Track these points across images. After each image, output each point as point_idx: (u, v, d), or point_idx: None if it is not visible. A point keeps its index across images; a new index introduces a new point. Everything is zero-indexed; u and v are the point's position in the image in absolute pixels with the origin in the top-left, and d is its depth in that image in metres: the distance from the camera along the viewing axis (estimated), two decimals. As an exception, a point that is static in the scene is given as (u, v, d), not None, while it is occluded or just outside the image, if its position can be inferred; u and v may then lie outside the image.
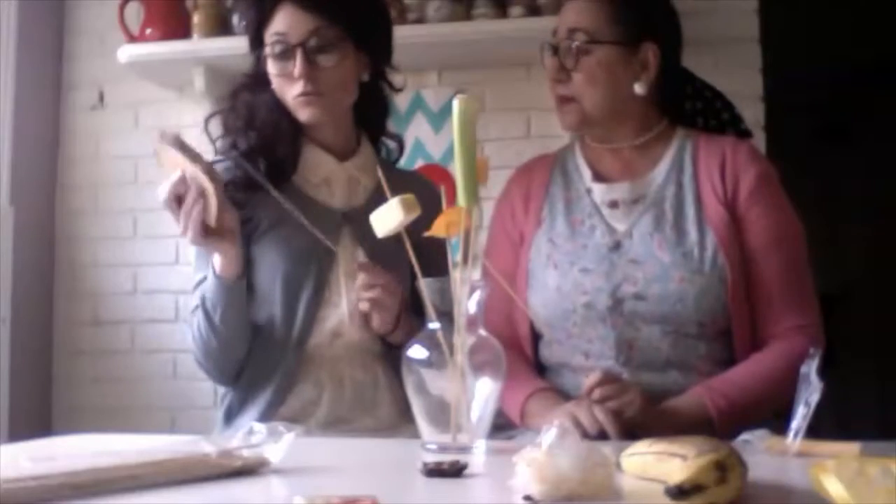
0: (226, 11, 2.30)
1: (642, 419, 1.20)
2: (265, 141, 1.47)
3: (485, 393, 1.06)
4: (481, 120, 2.09)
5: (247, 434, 0.95)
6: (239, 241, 1.37)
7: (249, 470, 0.89)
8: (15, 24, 2.41)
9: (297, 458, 0.93)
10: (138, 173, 2.52)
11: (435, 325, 1.06)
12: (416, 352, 1.07)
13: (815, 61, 3.76)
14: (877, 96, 4.07)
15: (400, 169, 1.70)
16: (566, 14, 1.46)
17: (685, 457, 0.75)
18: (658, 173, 1.45)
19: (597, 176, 1.48)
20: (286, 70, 1.43)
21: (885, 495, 0.66)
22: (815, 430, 1.00)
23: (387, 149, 1.65)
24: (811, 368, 1.00)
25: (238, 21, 2.22)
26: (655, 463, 0.81)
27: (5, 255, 2.32)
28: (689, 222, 1.39)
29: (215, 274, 1.38)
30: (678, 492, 0.70)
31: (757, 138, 1.98)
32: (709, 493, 0.70)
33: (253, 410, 1.42)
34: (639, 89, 1.43)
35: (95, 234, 2.53)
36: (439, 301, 1.07)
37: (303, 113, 1.45)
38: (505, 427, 1.36)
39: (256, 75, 1.49)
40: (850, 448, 0.96)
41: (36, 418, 2.41)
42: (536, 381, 1.40)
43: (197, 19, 2.29)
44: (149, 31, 2.32)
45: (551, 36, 1.47)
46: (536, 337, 1.47)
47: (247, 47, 1.51)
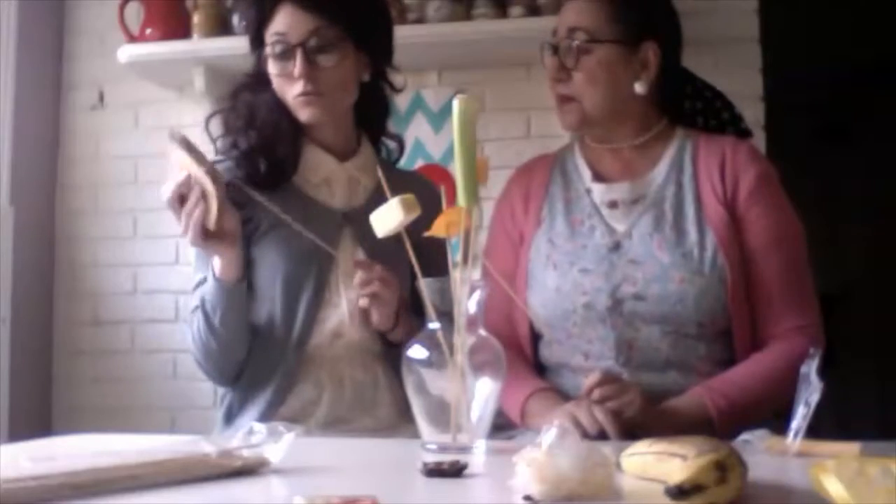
0: (226, 11, 2.30)
1: (642, 419, 1.20)
2: (265, 141, 1.47)
3: (485, 393, 1.05)
4: (481, 120, 2.09)
5: (247, 434, 0.95)
6: (239, 245, 1.37)
7: (249, 470, 0.89)
8: (15, 24, 2.41)
9: (297, 458, 0.93)
10: (138, 173, 2.52)
11: (435, 325, 1.06)
12: (416, 352, 1.07)
13: (815, 61, 3.76)
14: (877, 96, 4.07)
15: (400, 169, 1.70)
16: (566, 13, 1.46)
17: (685, 457, 0.75)
18: (658, 173, 1.45)
19: (596, 176, 1.48)
20: (286, 70, 1.43)
21: (885, 495, 0.66)
22: (815, 430, 1.00)
23: (387, 149, 1.65)
24: (811, 368, 1.00)
25: (238, 21, 2.22)
26: (655, 463, 0.81)
27: (5, 255, 2.32)
28: (688, 222, 1.39)
29: (215, 276, 1.38)
30: (678, 492, 0.70)
31: (757, 138, 1.98)
32: (709, 493, 0.70)
33: (253, 410, 1.42)
34: (639, 89, 1.43)
35: (95, 234, 2.53)
36: (439, 301, 1.07)
37: (303, 113, 1.45)
38: (505, 427, 1.36)
39: (257, 75, 1.49)
40: (850, 448, 0.96)
41: (36, 418, 2.41)
42: (536, 381, 1.40)
43: (197, 19, 2.29)
44: (149, 31, 2.32)
45: (551, 35, 1.47)
46: (536, 337, 1.47)
47: (247, 47, 1.51)
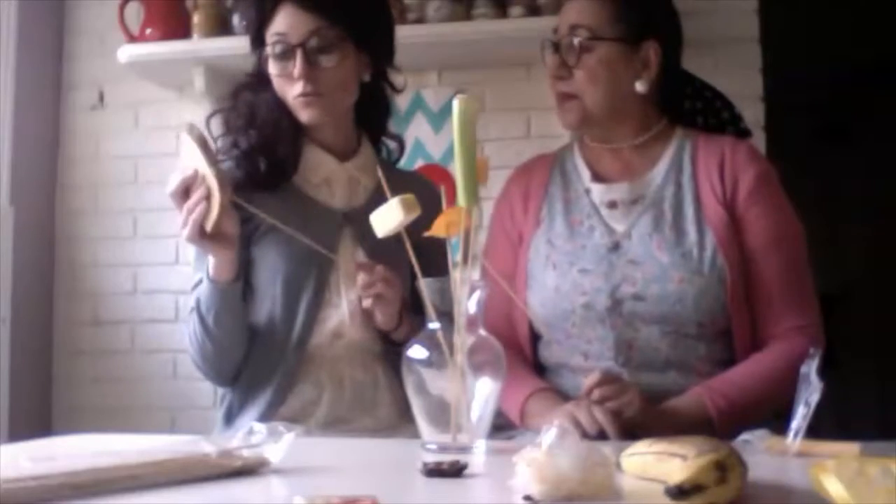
0: (226, 11, 2.30)
1: (642, 419, 1.20)
2: (266, 140, 1.47)
3: (485, 393, 1.05)
4: (481, 120, 2.09)
5: (247, 434, 0.95)
6: (235, 247, 1.36)
7: (249, 470, 0.89)
8: (15, 24, 2.41)
9: (297, 458, 0.93)
10: (138, 173, 2.52)
11: (435, 325, 1.06)
12: (416, 352, 1.07)
13: (815, 61, 3.76)
14: (877, 96, 4.06)
15: (400, 169, 1.70)
16: (568, 11, 1.46)
17: (685, 457, 0.75)
18: (657, 173, 1.45)
19: (596, 176, 1.48)
20: (286, 70, 1.43)
21: (885, 495, 0.66)
22: (815, 430, 1.00)
23: (387, 149, 1.65)
24: (811, 368, 1.00)
25: (239, 21, 2.22)
26: (655, 463, 0.81)
27: (5, 255, 2.31)
28: (688, 222, 1.39)
29: (209, 277, 1.38)
30: (678, 492, 0.70)
31: (757, 138, 1.98)
32: (709, 493, 0.70)
33: (253, 411, 1.42)
34: (640, 87, 1.43)
35: (95, 234, 2.53)
36: (439, 301, 1.07)
37: (303, 113, 1.45)
38: (505, 427, 1.35)
39: (258, 75, 1.49)
40: (850, 448, 0.96)
41: (36, 418, 2.41)
42: (536, 381, 1.40)
43: (197, 19, 2.29)
44: (149, 31, 2.32)
45: (552, 33, 1.47)
46: (536, 337, 1.47)
47: (247, 47, 1.51)
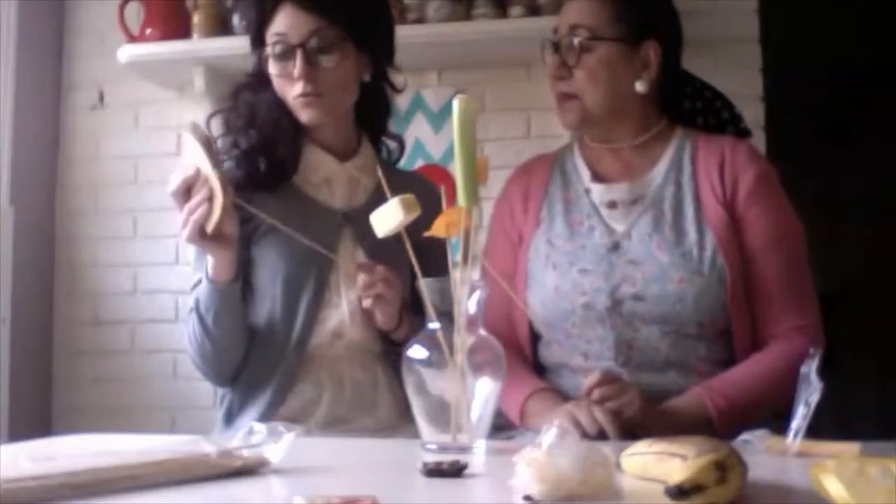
0: (226, 11, 2.30)
1: (642, 419, 1.20)
2: (266, 140, 1.47)
3: (485, 393, 1.05)
4: (481, 120, 2.09)
5: (247, 434, 0.95)
6: (234, 248, 1.35)
7: (249, 470, 0.89)
8: (15, 24, 2.41)
9: (297, 458, 0.93)
10: (138, 173, 2.52)
11: (435, 325, 1.06)
12: (416, 352, 1.07)
13: (815, 61, 3.76)
14: (877, 96, 4.06)
15: (400, 169, 1.70)
16: (568, 11, 1.46)
17: (685, 457, 0.75)
18: (657, 173, 1.45)
19: (595, 176, 1.48)
20: (286, 70, 1.43)
21: (885, 495, 0.66)
22: (815, 430, 1.00)
23: (387, 149, 1.65)
24: (811, 368, 1.00)
25: (239, 21, 2.22)
26: (655, 463, 0.81)
27: (5, 255, 2.31)
28: (688, 222, 1.39)
29: (207, 277, 1.38)
30: (678, 492, 0.70)
31: (757, 138, 1.98)
32: (709, 493, 0.70)
33: (253, 411, 1.42)
34: (640, 87, 1.43)
35: (95, 234, 2.53)
36: (439, 301, 1.07)
37: (303, 114, 1.45)
38: (505, 427, 1.35)
39: (258, 75, 1.49)
40: (850, 448, 0.96)
41: (36, 418, 2.41)
42: (536, 381, 1.40)
43: (197, 19, 2.29)
44: (149, 31, 2.32)
45: (552, 33, 1.47)
46: (536, 337, 1.47)
47: (247, 47, 1.51)
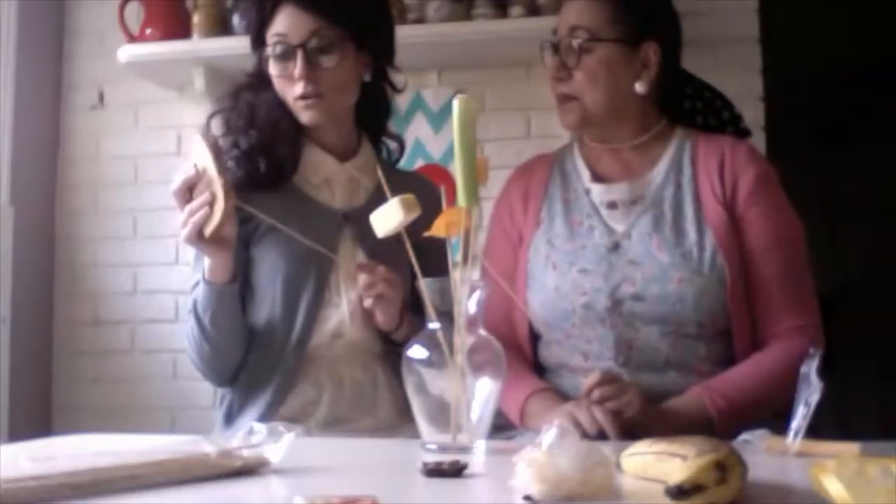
0: (226, 11, 2.30)
1: (642, 419, 1.20)
2: (266, 141, 1.47)
3: (485, 393, 1.05)
4: (481, 120, 2.09)
5: (247, 434, 0.95)
6: (232, 250, 1.35)
7: (249, 470, 0.89)
8: (15, 24, 2.40)
9: (297, 458, 0.93)
10: (138, 173, 2.52)
11: (435, 325, 1.06)
12: (416, 352, 1.07)
13: (815, 61, 3.76)
14: (877, 97, 4.06)
15: (400, 169, 1.70)
16: (567, 12, 1.46)
17: (685, 457, 0.75)
18: (657, 173, 1.45)
19: (595, 176, 1.48)
20: (287, 71, 1.43)
21: (885, 495, 0.66)
22: (815, 430, 1.00)
23: (387, 149, 1.65)
24: (811, 368, 1.00)
25: (239, 21, 2.22)
26: (655, 463, 0.81)
27: (5, 255, 2.31)
28: (687, 223, 1.39)
29: (204, 279, 1.38)
30: (678, 492, 0.70)
31: (757, 139, 1.98)
32: (709, 493, 0.70)
33: (253, 411, 1.42)
34: (640, 88, 1.43)
35: (95, 234, 2.53)
36: (439, 301, 1.07)
37: (304, 115, 1.45)
38: (505, 427, 1.35)
39: (258, 75, 1.49)
40: (850, 448, 0.96)
41: (36, 418, 2.41)
42: (536, 381, 1.40)
43: (197, 19, 2.29)
44: (149, 31, 2.31)
45: (551, 34, 1.47)
46: (536, 337, 1.47)
47: (247, 47, 1.51)
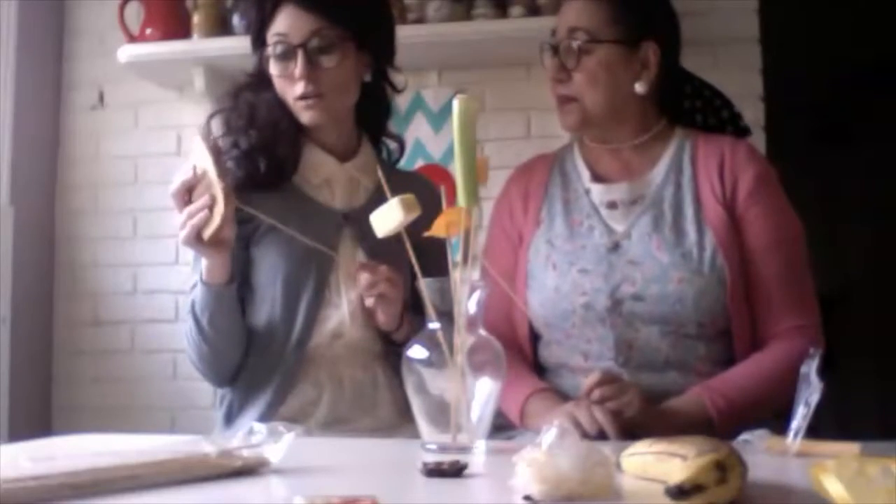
0: (226, 11, 2.30)
1: (642, 419, 1.20)
2: (266, 141, 1.47)
3: (485, 393, 1.05)
4: (481, 120, 2.09)
5: (247, 434, 0.95)
6: (229, 252, 1.35)
7: (249, 470, 0.89)
8: (15, 24, 2.40)
9: (297, 458, 0.93)
10: (138, 173, 2.52)
11: (435, 325, 1.06)
12: (416, 352, 1.07)
13: (815, 61, 3.76)
14: (877, 97, 4.05)
15: (400, 169, 1.70)
16: (566, 14, 1.46)
17: (685, 457, 0.75)
18: (657, 174, 1.45)
19: (595, 176, 1.48)
20: (287, 71, 1.43)
21: (885, 495, 0.66)
22: (815, 430, 1.00)
23: (387, 149, 1.65)
24: (811, 368, 1.00)
25: (239, 21, 2.22)
26: (655, 463, 0.81)
27: (5, 255, 2.31)
28: (687, 223, 1.39)
29: (202, 280, 1.38)
30: (678, 492, 0.70)
31: (757, 138, 1.98)
32: (709, 493, 0.70)
33: (253, 411, 1.42)
34: (639, 89, 1.43)
35: (95, 234, 2.53)
36: (439, 301, 1.07)
37: (304, 115, 1.45)
38: (505, 427, 1.35)
39: (258, 74, 1.49)
40: (850, 448, 0.96)
41: (36, 418, 2.41)
42: (536, 381, 1.40)
43: (197, 19, 2.29)
44: (149, 31, 2.32)
45: (550, 36, 1.47)
46: (536, 337, 1.47)
47: (247, 47, 1.51)
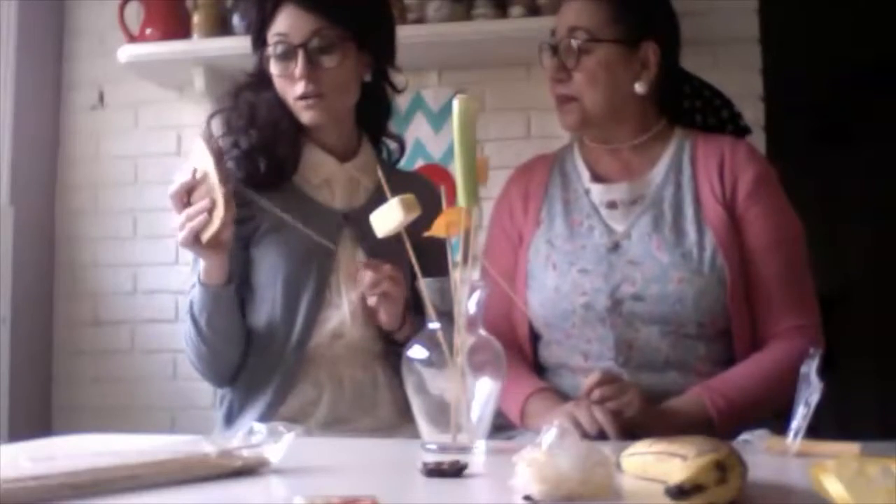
0: (226, 11, 2.30)
1: (642, 419, 1.20)
2: (266, 141, 1.47)
3: (485, 393, 1.05)
4: (481, 120, 2.09)
5: (247, 434, 0.95)
6: (227, 253, 1.34)
7: (249, 470, 0.89)
8: (15, 24, 2.40)
9: (297, 458, 0.93)
10: (138, 173, 2.52)
11: (435, 325, 1.06)
12: (416, 352, 1.07)
13: (815, 61, 3.76)
14: (877, 97, 4.05)
15: (400, 169, 1.70)
16: (565, 13, 1.46)
17: (685, 457, 0.75)
18: (656, 173, 1.45)
19: (595, 176, 1.48)
20: (288, 70, 1.43)
21: (885, 495, 0.66)
22: (815, 430, 1.00)
23: (388, 149, 1.65)
24: (811, 368, 1.00)
25: (239, 21, 2.22)
26: (655, 463, 0.81)
27: (5, 255, 2.31)
28: (687, 222, 1.39)
29: (199, 280, 1.38)
30: (678, 492, 0.70)
31: (757, 138, 1.98)
32: (709, 493, 0.70)
33: (253, 411, 1.42)
34: (639, 88, 1.43)
35: (95, 234, 2.53)
36: (439, 301, 1.07)
37: (305, 115, 1.45)
38: (505, 427, 1.35)
39: (259, 74, 1.49)
40: (850, 448, 0.96)
41: (36, 418, 2.41)
42: (536, 381, 1.40)
43: (197, 19, 2.29)
44: (149, 31, 2.32)
45: (550, 35, 1.47)
46: (536, 337, 1.47)
47: (247, 47, 1.51)
